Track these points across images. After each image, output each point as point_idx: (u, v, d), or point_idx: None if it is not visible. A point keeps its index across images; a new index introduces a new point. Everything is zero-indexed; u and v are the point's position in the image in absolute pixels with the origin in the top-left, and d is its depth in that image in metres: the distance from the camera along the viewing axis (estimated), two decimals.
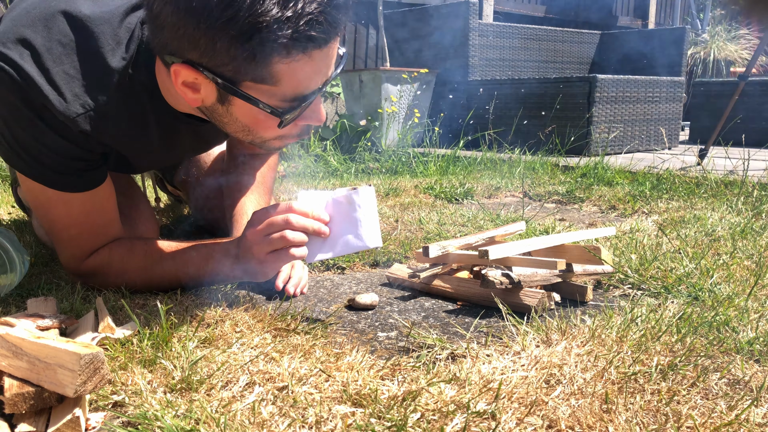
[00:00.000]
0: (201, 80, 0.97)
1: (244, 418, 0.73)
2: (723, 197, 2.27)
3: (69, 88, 1.03)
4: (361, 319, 1.15)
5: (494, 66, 4.63)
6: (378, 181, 2.88)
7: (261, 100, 0.97)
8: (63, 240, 1.21)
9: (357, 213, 1.12)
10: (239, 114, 1.02)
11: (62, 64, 1.03)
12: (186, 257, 1.21)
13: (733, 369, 0.86)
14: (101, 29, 1.05)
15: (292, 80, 0.96)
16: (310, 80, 0.99)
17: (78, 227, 1.18)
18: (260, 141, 1.09)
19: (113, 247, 1.22)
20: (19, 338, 0.73)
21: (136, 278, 1.21)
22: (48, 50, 1.02)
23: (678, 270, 1.30)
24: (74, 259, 1.22)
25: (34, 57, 1.01)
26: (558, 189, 2.57)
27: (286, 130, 1.06)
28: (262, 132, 1.05)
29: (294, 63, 0.94)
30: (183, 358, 0.87)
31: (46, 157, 1.07)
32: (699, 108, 4.75)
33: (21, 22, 1.04)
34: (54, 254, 1.52)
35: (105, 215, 1.21)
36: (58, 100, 1.02)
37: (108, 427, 0.74)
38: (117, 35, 1.06)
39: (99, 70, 1.05)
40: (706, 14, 7.56)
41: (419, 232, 1.77)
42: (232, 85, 0.96)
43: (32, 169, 1.10)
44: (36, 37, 1.02)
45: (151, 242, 1.24)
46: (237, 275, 1.19)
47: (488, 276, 1.15)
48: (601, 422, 0.73)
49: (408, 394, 0.77)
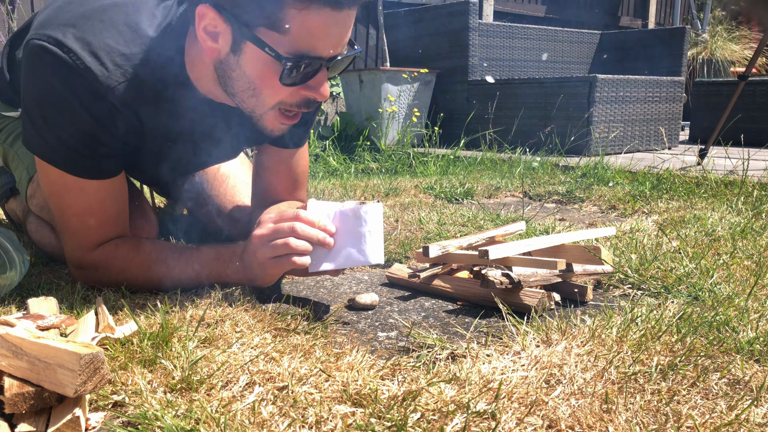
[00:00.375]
0: (220, 26, 1.04)
1: (244, 418, 0.73)
2: (723, 197, 2.27)
3: (110, 58, 1.09)
4: (361, 319, 1.15)
5: (494, 66, 4.63)
6: (378, 181, 2.88)
7: (269, 44, 1.02)
8: (72, 228, 1.21)
9: (362, 228, 1.14)
10: (248, 66, 1.06)
11: (103, 38, 1.10)
12: (192, 258, 1.21)
13: (733, 369, 0.86)
14: (139, 8, 1.15)
15: (301, 31, 1.01)
16: (318, 40, 1.03)
17: (89, 216, 1.20)
18: (260, 111, 1.11)
19: (119, 242, 1.23)
20: (19, 338, 0.73)
21: (139, 275, 1.21)
22: (90, 27, 1.10)
23: (678, 270, 1.30)
24: (80, 249, 1.22)
25: (75, 33, 1.08)
26: (558, 189, 2.57)
27: (287, 94, 1.08)
28: (265, 91, 1.08)
29: (306, 13, 0.99)
30: (183, 358, 0.87)
31: (72, 138, 1.11)
32: (699, 108, 4.75)
33: (64, 9, 1.13)
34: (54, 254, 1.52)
35: (116, 206, 1.23)
36: (100, 69, 1.08)
37: (108, 427, 0.74)
38: (154, 14, 1.15)
39: (137, 43, 1.13)
40: (706, 14, 7.56)
41: (419, 232, 1.77)
42: (247, 28, 1.02)
43: (55, 153, 1.13)
44: (77, 18, 1.11)
45: (158, 242, 1.25)
46: (239, 279, 1.19)
47: (488, 276, 1.15)
48: (601, 422, 0.73)
49: (408, 394, 0.77)
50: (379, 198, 2.38)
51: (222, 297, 1.14)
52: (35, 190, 1.44)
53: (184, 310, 1.07)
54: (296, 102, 1.11)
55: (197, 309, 1.08)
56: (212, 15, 1.04)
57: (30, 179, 1.45)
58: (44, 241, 1.50)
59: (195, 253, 1.22)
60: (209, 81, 1.16)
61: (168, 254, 1.22)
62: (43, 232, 1.50)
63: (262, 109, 1.11)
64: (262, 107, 1.11)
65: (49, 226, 1.48)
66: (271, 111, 1.11)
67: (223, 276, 1.21)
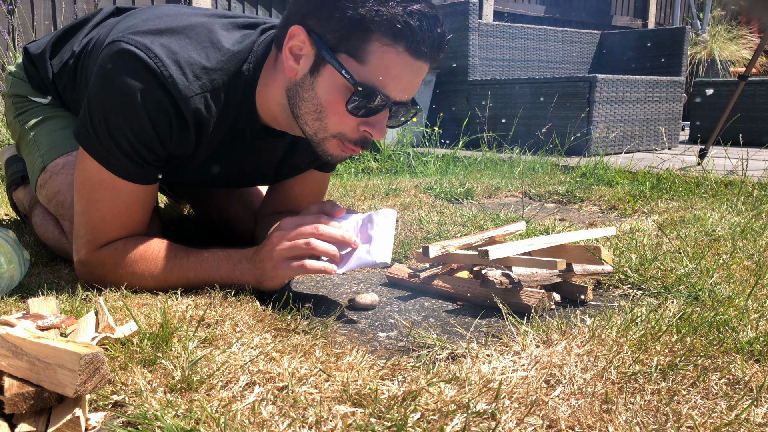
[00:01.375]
0: (306, 48, 1.12)
1: (244, 418, 0.73)
2: (723, 197, 2.27)
3: (191, 70, 1.15)
4: (361, 319, 1.15)
5: (494, 66, 4.63)
6: (378, 181, 2.88)
7: (347, 68, 1.09)
8: (92, 222, 1.22)
9: (372, 231, 1.18)
10: (321, 87, 1.12)
11: (187, 51, 1.16)
12: (201, 257, 1.22)
13: (733, 369, 0.86)
14: (223, 33, 1.22)
15: (379, 66, 1.09)
16: (391, 79, 1.10)
17: (115, 216, 1.21)
18: (322, 135, 1.17)
19: (129, 239, 1.24)
20: (19, 338, 0.73)
21: (146, 271, 1.21)
22: (177, 39, 1.17)
23: (678, 270, 1.30)
24: (91, 243, 1.23)
25: (162, 42, 1.15)
26: (558, 189, 2.57)
27: (349, 128, 1.14)
28: (330, 116, 1.14)
29: (388, 51, 1.08)
30: (183, 358, 0.87)
31: (127, 142, 1.15)
32: (699, 108, 4.75)
33: (152, 21, 1.20)
34: (54, 254, 1.52)
35: (142, 213, 1.25)
36: (182, 78, 1.14)
37: (108, 427, 0.74)
38: (236, 37, 1.23)
39: (219, 60, 1.19)
40: (706, 14, 7.56)
41: (419, 232, 1.77)
42: (330, 52, 1.09)
43: (102, 148, 1.16)
44: (165, 29, 1.17)
45: (167, 241, 1.26)
46: (248, 280, 1.19)
47: (488, 276, 1.15)
48: (601, 422, 0.73)
49: (408, 394, 0.77)
50: (380, 198, 2.38)
51: (222, 297, 1.14)
52: (46, 180, 1.44)
53: (184, 310, 1.07)
54: (355, 139, 1.17)
55: (197, 309, 1.08)
56: (302, 37, 1.12)
57: (43, 168, 1.45)
58: (47, 236, 1.50)
59: (204, 252, 1.23)
60: (274, 105, 1.22)
61: (176, 252, 1.23)
62: (47, 226, 1.50)
63: (323, 133, 1.17)
64: (323, 132, 1.16)
65: (54, 220, 1.48)
66: (332, 139, 1.17)
67: (231, 276, 1.21)
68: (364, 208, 2.11)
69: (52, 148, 1.46)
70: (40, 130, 1.51)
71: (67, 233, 1.42)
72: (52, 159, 1.44)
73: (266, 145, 1.34)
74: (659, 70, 4.76)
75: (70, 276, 1.34)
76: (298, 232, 1.15)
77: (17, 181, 1.73)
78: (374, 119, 1.14)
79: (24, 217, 1.76)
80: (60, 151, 1.44)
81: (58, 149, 1.45)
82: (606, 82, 3.72)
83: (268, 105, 1.23)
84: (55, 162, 1.43)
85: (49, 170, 1.43)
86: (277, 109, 1.22)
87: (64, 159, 1.43)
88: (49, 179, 1.42)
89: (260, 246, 1.19)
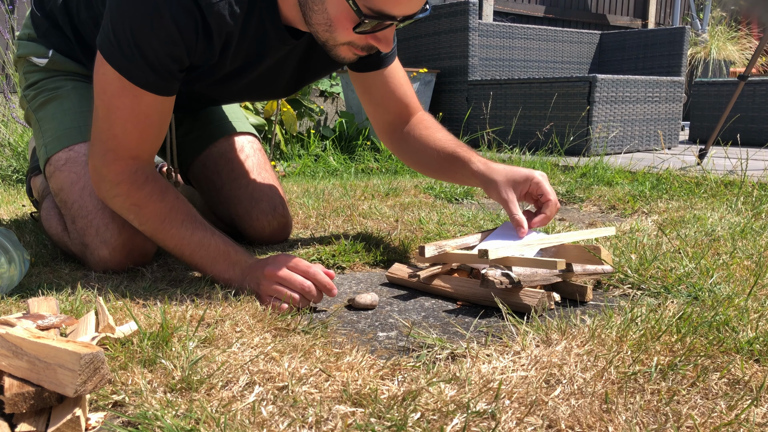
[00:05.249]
0: None
1: (244, 417, 0.73)
2: (723, 197, 2.27)
3: None
4: (361, 319, 1.15)
5: (494, 66, 4.63)
6: (378, 180, 2.88)
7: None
8: (112, 131, 1.23)
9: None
10: (330, 4, 1.16)
11: None
12: (205, 238, 1.24)
13: (733, 369, 0.86)
14: None
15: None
16: (397, 3, 1.13)
17: (134, 124, 1.23)
18: (332, 43, 1.22)
19: (150, 177, 1.27)
20: (19, 338, 0.73)
21: (148, 222, 1.24)
22: None
23: (678, 270, 1.30)
24: (112, 153, 1.24)
25: None
26: (558, 189, 2.57)
27: (357, 37, 1.20)
28: (338, 30, 1.19)
29: None
30: (183, 357, 0.87)
31: (151, 50, 1.16)
32: (699, 108, 4.75)
33: None
34: (54, 254, 1.52)
35: (159, 124, 1.27)
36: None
37: (108, 427, 0.74)
38: None
39: None
40: (706, 14, 7.56)
41: (419, 231, 1.77)
42: None
43: (125, 59, 1.17)
44: None
45: (184, 203, 1.28)
46: (236, 286, 1.21)
47: (488, 276, 1.15)
48: (601, 422, 0.73)
49: (408, 393, 0.77)
50: (379, 198, 2.38)
51: (222, 297, 1.14)
52: (51, 174, 1.43)
53: (184, 309, 1.07)
54: (363, 46, 1.22)
55: (197, 309, 1.08)
56: None
57: (47, 160, 1.45)
58: (51, 230, 1.51)
59: (209, 237, 1.25)
60: (292, 8, 1.26)
61: (184, 220, 1.25)
62: (51, 221, 1.50)
63: (334, 42, 1.22)
64: (334, 41, 1.22)
65: (58, 215, 1.48)
66: (343, 46, 1.23)
67: (223, 277, 1.22)
68: (364, 208, 2.11)
69: (54, 139, 1.45)
70: (43, 114, 1.51)
71: (70, 231, 1.42)
72: (54, 152, 1.43)
73: (288, 49, 1.38)
74: (659, 70, 4.76)
75: (70, 276, 1.34)
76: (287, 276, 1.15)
77: (37, 168, 1.73)
78: (380, 34, 1.20)
79: (37, 205, 1.75)
80: (61, 144, 1.43)
81: (60, 141, 1.44)
82: (606, 82, 3.72)
83: (287, 6, 1.27)
84: (57, 156, 1.43)
85: (52, 164, 1.43)
86: (294, 11, 1.26)
87: (66, 153, 1.42)
88: (53, 174, 1.42)
89: (255, 266, 1.19)
